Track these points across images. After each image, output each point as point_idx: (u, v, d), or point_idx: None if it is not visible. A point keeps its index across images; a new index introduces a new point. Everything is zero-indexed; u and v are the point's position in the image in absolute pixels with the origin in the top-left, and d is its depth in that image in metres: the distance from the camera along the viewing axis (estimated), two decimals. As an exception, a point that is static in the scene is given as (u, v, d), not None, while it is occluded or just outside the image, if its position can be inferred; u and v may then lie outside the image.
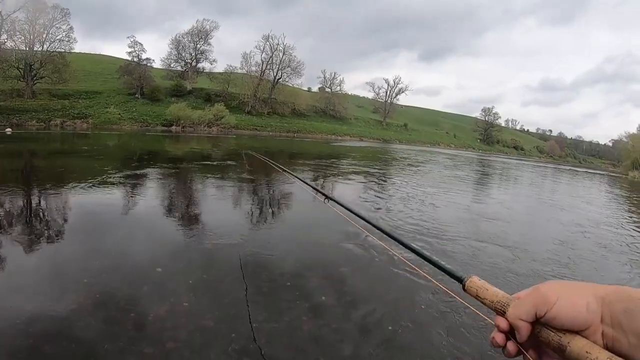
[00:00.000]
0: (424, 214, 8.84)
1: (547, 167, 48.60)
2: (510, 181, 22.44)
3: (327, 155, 26.39)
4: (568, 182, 27.11)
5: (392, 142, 76.21)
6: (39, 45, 45.73)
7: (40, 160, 14.81)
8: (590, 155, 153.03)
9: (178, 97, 55.96)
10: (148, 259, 4.80)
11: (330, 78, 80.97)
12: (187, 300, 3.79)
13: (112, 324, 3.32)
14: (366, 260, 5.41)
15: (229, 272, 4.59)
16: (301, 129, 63.88)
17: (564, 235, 8.41)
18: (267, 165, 11.81)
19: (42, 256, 4.77)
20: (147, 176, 11.28)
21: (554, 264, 6.13)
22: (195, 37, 61.28)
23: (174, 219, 7.05)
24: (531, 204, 13.52)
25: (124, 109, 47.97)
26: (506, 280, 5.11)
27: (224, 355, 3.05)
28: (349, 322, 3.69)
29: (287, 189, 10.83)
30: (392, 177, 16.36)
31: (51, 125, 39.01)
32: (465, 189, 15.00)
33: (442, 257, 2.65)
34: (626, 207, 15.96)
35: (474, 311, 0.80)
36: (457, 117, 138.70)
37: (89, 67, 58.79)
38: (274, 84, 65.70)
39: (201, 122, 48.27)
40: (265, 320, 3.56)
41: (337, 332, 3.51)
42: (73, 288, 3.90)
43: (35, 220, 6.26)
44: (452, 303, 4.12)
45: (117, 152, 19.82)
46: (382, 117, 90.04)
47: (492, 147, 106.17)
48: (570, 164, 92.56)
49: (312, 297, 4.12)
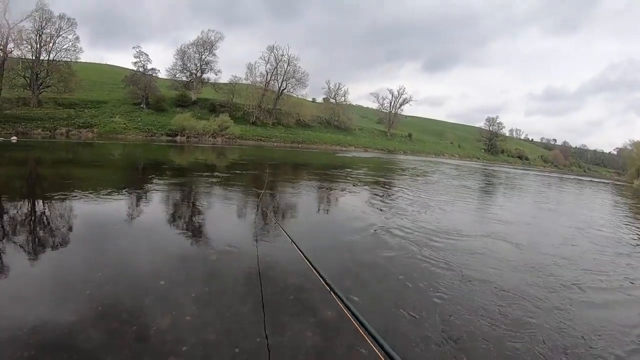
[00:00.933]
0: (440, 219, 9.48)
1: (551, 176, 48.39)
2: (516, 190, 22.33)
3: (339, 166, 26.39)
4: (570, 191, 26.95)
5: (397, 152, 76.26)
6: (45, 54, 46.23)
7: (43, 168, 14.86)
8: (594, 164, 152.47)
9: (183, 107, 56.30)
10: (151, 270, 4.77)
11: (334, 89, 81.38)
12: (190, 314, 3.75)
13: (114, 336, 3.29)
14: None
15: (231, 286, 4.55)
16: (306, 140, 63.94)
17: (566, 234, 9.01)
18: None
19: (44, 266, 4.74)
20: (153, 187, 11.28)
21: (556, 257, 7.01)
22: (200, 47, 61.70)
23: (178, 230, 7.02)
24: (535, 211, 13.46)
25: (129, 118, 48.21)
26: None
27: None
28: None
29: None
30: (406, 188, 16.29)
31: (56, 133, 39.24)
32: (472, 197, 15.01)
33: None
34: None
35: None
36: (461, 127, 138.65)
37: (95, 77, 59.29)
38: (279, 94, 65.93)
39: (206, 133, 48.41)
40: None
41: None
42: (75, 299, 3.87)
43: (38, 229, 6.24)
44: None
45: (122, 162, 19.86)
46: (387, 128, 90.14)
47: (496, 157, 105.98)
48: (575, 173, 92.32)
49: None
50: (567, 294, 5.20)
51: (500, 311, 4.40)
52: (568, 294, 5.20)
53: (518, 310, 4.47)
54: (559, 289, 5.36)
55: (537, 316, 4.37)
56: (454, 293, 4.79)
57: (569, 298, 5.07)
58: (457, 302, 4.54)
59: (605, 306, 5.00)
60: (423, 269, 5.56)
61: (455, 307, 4.39)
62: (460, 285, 5.08)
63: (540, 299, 4.88)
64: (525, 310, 4.51)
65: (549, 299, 4.94)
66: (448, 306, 4.40)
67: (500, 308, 4.48)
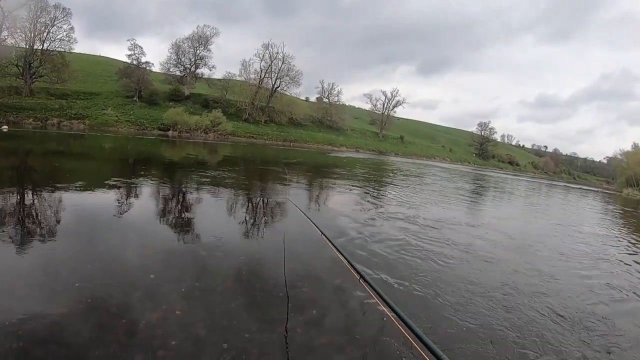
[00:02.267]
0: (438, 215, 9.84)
1: (541, 183, 48.87)
2: (506, 193, 22.53)
3: (330, 165, 26.43)
4: (554, 196, 27.27)
5: (388, 154, 76.34)
6: (39, 44, 45.65)
7: (33, 159, 14.72)
8: (584, 171, 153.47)
9: (176, 102, 55.81)
10: (141, 264, 4.78)
11: (328, 88, 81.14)
12: (179, 309, 3.77)
13: (103, 329, 3.30)
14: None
15: (221, 281, 4.58)
16: (298, 138, 63.81)
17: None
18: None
19: (32, 259, 4.71)
20: (143, 181, 11.24)
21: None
22: (195, 42, 61.27)
23: (168, 225, 7.03)
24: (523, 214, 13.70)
25: (121, 111, 47.77)
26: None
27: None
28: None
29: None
30: (402, 187, 16.38)
31: (48, 124, 38.80)
32: (464, 199, 15.17)
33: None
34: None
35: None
36: (453, 131, 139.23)
37: (88, 68, 58.59)
38: (272, 92, 65.68)
39: (198, 128, 48.11)
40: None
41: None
42: (64, 292, 3.88)
43: (27, 221, 6.20)
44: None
45: (113, 155, 19.76)
46: (379, 129, 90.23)
47: (487, 162, 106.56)
48: (565, 180, 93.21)
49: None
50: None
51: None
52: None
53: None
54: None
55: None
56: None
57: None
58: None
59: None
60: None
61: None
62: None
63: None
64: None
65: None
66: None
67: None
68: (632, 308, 5.64)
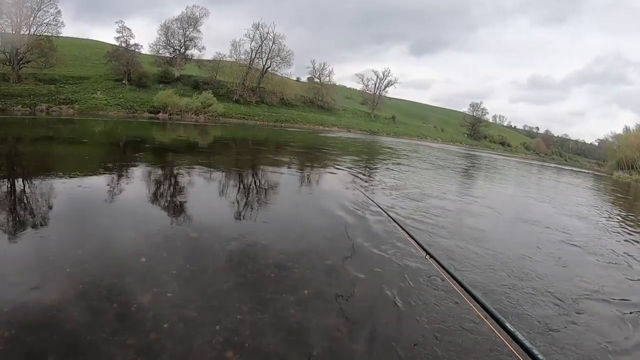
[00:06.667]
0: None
1: (532, 164, 49.18)
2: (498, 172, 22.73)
3: (329, 146, 26.37)
4: (545, 177, 27.50)
5: (380, 134, 76.12)
6: (25, 29, 44.68)
7: (22, 145, 14.56)
8: (576, 153, 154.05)
9: (166, 84, 55.12)
10: (132, 248, 4.80)
11: (319, 68, 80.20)
12: (170, 291, 3.81)
13: (95, 314, 3.33)
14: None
15: (212, 263, 4.62)
16: (289, 119, 63.51)
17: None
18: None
19: (22, 244, 4.71)
20: (133, 165, 11.20)
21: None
22: (184, 23, 60.26)
23: (160, 208, 7.04)
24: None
25: (110, 94, 47.11)
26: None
27: (207, 346, 3.08)
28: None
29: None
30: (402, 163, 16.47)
31: (37, 110, 38.19)
32: (455, 177, 15.29)
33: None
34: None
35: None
36: (445, 111, 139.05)
37: (76, 52, 57.55)
38: (263, 72, 65.01)
39: (188, 110, 47.64)
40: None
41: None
42: (55, 277, 3.89)
43: (17, 207, 6.17)
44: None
45: (103, 139, 19.62)
46: (371, 109, 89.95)
47: (479, 142, 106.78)
48: (556, 162, 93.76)
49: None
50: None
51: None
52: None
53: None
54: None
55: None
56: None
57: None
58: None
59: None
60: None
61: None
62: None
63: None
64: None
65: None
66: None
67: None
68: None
